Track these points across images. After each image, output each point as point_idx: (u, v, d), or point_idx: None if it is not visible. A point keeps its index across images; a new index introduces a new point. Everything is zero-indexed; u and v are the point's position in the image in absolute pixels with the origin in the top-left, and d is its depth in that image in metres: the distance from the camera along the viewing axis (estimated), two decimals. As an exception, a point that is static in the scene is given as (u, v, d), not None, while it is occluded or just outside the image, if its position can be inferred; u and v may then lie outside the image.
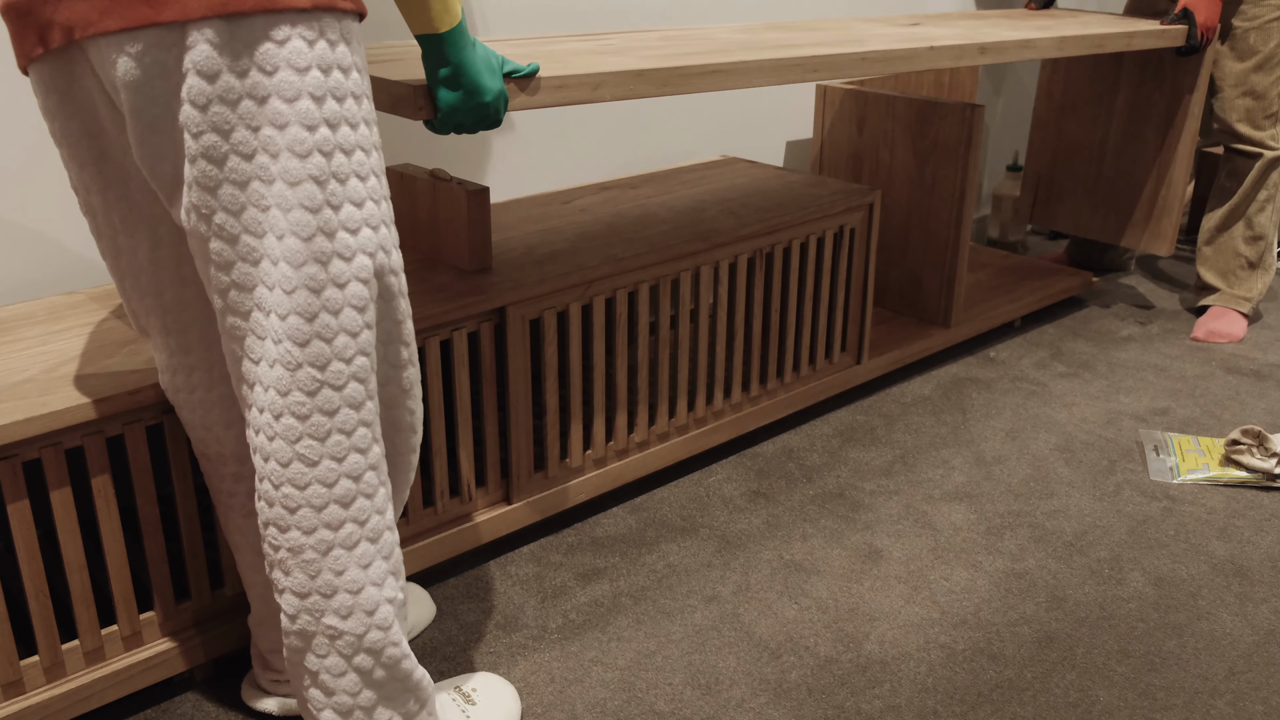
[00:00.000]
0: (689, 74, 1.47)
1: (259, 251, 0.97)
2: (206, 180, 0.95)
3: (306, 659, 1.08)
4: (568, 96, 1.34)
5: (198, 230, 0.98)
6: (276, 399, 1.01)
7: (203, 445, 1.20)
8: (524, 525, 1.68)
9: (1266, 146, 2.52)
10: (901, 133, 2.34)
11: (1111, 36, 2.19)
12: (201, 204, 0.96)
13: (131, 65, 0.93)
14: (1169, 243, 2.67)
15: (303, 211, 0.97)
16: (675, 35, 1.84)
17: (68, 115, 1.02)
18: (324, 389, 1.01)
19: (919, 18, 2.37)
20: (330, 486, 1.03)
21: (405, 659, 1.10)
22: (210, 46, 0.92)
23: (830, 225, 1.99)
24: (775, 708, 1.35)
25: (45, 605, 1.20)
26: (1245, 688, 1.40)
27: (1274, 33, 2.44)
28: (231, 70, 0.92)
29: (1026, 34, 2.04)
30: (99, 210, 1.07)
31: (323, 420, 1.02)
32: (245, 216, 0.97)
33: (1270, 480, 1.91)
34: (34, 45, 0.97)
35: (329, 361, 1.00)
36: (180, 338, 1.13)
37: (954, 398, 2.25)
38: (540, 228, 1.80)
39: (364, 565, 1.06)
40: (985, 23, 2.28)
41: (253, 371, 1.02)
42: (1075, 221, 2.82)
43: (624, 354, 1.70)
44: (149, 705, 1.34)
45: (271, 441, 1.02)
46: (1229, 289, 2.64)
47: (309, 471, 1.02)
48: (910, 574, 1.63)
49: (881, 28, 2.09)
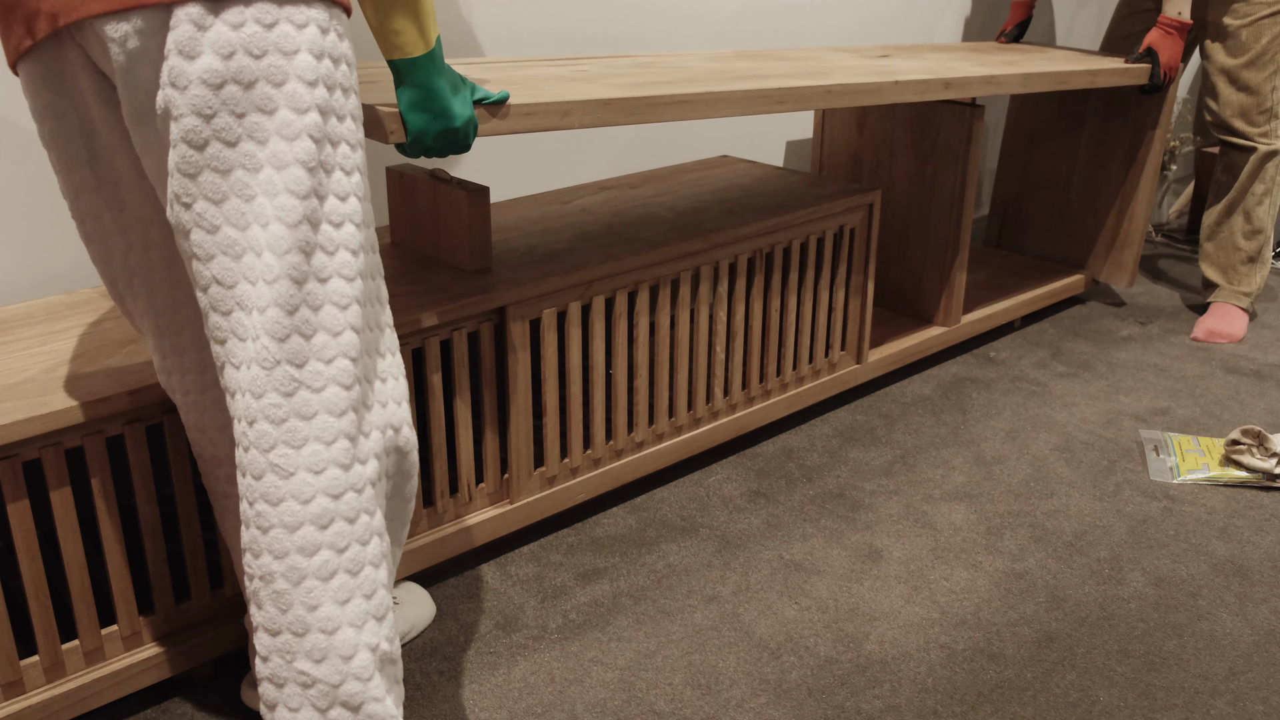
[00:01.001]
0: (656, 104, 1.48)
1: (241, 244, 0.93)
2: (187, 166, 0.91)
3: (277, 714, 0.97)
4: (536, 123, 1.35)
5: (180, 221, 0.94)
6: (251, 403, 0.94)
7: (198, 447, 1.19)
8: (524, 525, 1.68)
9: (1260, 142, 2.53)
10: (901, 133, 2.35)
11: (1075, 74, 2.23)
12: (183, 191, 0.92)
13: (118, 50, 0.90)
14: (1129, 274, 2.74)
15: (289, 196, 0.92)
16: (647, 62, 1.85)
17: (59, 114, 1.00)
18: (301, 390, 0.94)
19: (889, 49, 2.40)
20: (305, 503, 0.94)
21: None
22: (193, 27, 0.88)
23: (830, 225, 1.99)
24: (775, 708, 1.35)
25: (45, 605, 1.20)
26: (1245, 688, 1.40)
27: (1265, 30, 2.46)
28: (215, 52, 0.89)
29: (992, 69, 2.08)
30: (89, 214, 1.06)
31: (299, 426, 0.94)
32: (227, 206, 0.92)
33: (1270, 480, 1.91)
34: (22, 37, 0.96)
35: (307, 360, 0.94)
36: (173, 339, 1.12)
37: (954, 398, 2.25)
38: (540, 228, 1.80)
39: (340, 602, 0.95)
40: (953, 56, 2.32)
41: (234, 378, 0.96)
42: (1040, 249, 2.89)
43: (624, 354, 1.71)
44: (149, 705, 1.34)
45: (247, 453, 0.94)
46: (1229, 285, 2.65)
47: (283, 485, 0.94)
48: (910, 574, 1.63)
49: (851, 59, 2.12)
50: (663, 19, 2.25)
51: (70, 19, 0.91)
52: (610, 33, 2.16)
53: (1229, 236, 2.64)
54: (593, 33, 2.13)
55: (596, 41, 2.15)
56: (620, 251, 1.67)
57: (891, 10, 2.78)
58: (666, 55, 1.98)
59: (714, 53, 2.08)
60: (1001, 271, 2.79)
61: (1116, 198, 2.70)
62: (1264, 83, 2.49)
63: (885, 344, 2.28)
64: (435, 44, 1.13)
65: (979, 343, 2.56)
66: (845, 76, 1.81)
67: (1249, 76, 2.49)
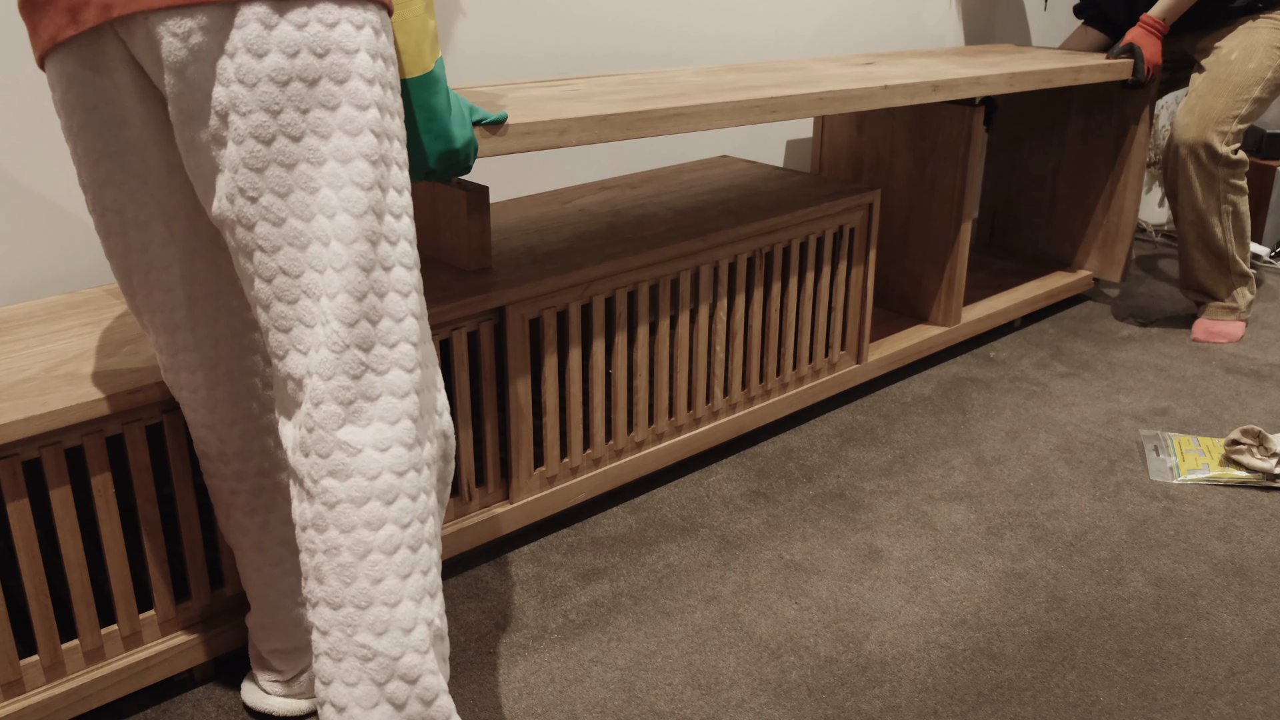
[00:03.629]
0: (652, 117, 1.51)
1: (307, 235, 0.96)
2: (255, 161, 0.94)
3: (333, 690, 0.98)
4: (535, 142, 1.38)
5: (244, 214, 0.96)
6: (319, 385, 0.97)
7: (203, 444, 1.20)
8: (524, 525, 1.68)
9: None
10: (901, 133, 2.35)
11: (1059, 71, 2.25)
12: (249, 186, 0.95)
13: (179, 45, 0.92)
14: (1120, 269, 2.75)
15: (355, 189, 0.96)
16: (637, 79, 1.88)
17: (89, 107, 1.01)
18: (367, 373, 0.98)
19: (873, 57, 2.44)
20: (372, 479, 0.98)
21: (443, 695, 1.00)
22: (261, 26, 0.91)
23: (830, 225, 1.99)
24: (775, 708, 1.35)
25: (45, 605, 1.20)
26: (1245, 688, 1.40)
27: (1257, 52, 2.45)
28: (282, 50, 0.92)
29: (977, 70, 2.11)
30: (111, 207, 1.07)
31: (365, 406, 0.98)
32: (293, 199, 0.95)
33: (1270, 480, 1.91)
34: (63, 26, 0.96)
35: (373, 344, 0.98)
36: (186, 335, 1.13)
37: (954, 398, 2.25)
38: (540, 228, 1.80)
39: (402, 576, 0.99)
40: (937, 60, 2.35)
41: (300, 364, 0.98)
42: (1031, 249, 2.90)
43: (624, 354, 1.71)
44: (149, 705, 1.34)
45: (312, 433, 0.98)
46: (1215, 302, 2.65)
47: (350, 462, 0.97)
48: (910, 574, 1.63)
49: (838, 68, 2.15)
50: (650, 39, 2.25)
51: (126, 11, 0.92)
52: (597, 52, 2.17)
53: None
54: (582, 53, 2.14)
55: (586, 61, 2.15)
56: (620, 251, 1.67)
57: (874, 27, 2.79)
58: (655, 72, 2.02)
59: (701, 68, 2.12)
60: (1001, 271, 2.79)
61: (1105, 193, 2.71)
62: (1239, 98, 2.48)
63: (885, 344, 2.28)
64: (436, 66, 1.14)
65: (979, 343, 2.56)
66: (835, 84, 1.84)
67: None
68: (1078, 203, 2.77)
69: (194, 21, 0.91)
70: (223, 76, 0.93)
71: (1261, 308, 2.85)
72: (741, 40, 2.44)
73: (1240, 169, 2.46)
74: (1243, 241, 2.54)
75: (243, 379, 1.16)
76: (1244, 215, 2.52)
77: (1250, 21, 2.47)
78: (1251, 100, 2.42)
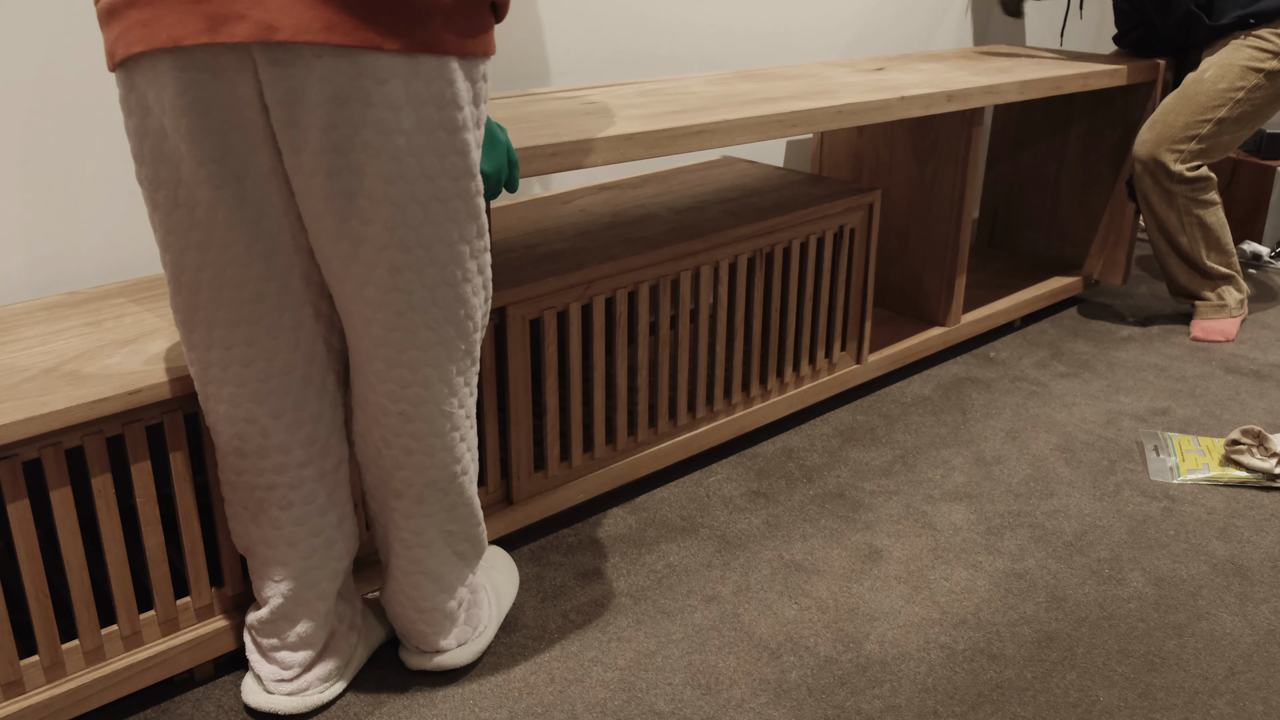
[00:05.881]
0: (676, 135, 1.56)
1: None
2: (400, 197, 1.07)
3: (402, 504, 1.26)
4: (561, 163, 1.43)
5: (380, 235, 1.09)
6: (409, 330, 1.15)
7: (241, 439, 1.19)
8: (524, 525, 1.68)
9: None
10: (901, 133, 2.35)
11: (1068, 78, 2.28)
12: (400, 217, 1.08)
13: (325, 83, 0.99)
14: (1121, 271, 2.75)
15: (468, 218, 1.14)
16: (652, 89, 1.90)
17: (201, 111, 1.02)
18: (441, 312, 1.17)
19: (882, 61, 2.48)
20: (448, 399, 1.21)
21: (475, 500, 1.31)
22: (402, 82, 1.01)
23: (830, 225, 1.99)
24: (775, 708, 1.35)
25: (45, 605, 1.20)
26: (1245, 688, 1.40)
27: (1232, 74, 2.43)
28: (422, 102, 1.04)
29: (990, 79, 2.13)
30: (203, 203, 1.07)
31: (450, 336, 1.18)
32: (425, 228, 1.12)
33: (1270, 480, 1.91)
34: (197, 32, 0.96)
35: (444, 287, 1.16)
36: (250, 329, 1.13)
37: (954, 398, 2.25)
38: (540, 228, 1.80)
39: (463, 438, 1.25)
40: (946, 66, 2.38)
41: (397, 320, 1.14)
42: (1032, 250, 2.90)
43: (624, 354, 1.71)
44: (149, 705, 1.34)
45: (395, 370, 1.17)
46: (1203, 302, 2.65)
47: (434, 373, 1.18)
48: (910, 574, 1.63)
49: (848, 74, 2.18)
50: (663, 39, 2.25)
51: (298, 38, 0.96)
52: (605, 59, 2.17)
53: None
54: (594, 59, 2.14)
55: (588, 61, 2.15)
56: (620, 251, 1.67)
57: (878, 28, 2.79)
58: (668, 80, 2.04)
59: (714, 75, 2.14)
60: (1001, 272, 2.79)
61: (1107, 195, 2.71)
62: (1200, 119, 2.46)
63: (885, 344, 2.28)
64: None
65: (979, 343, 2.56)
66: (851, 95, 1.87)
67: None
68: (1079, 204, 2.77)
69: (359, 66, 0.99)
70: (367, 117, 1.02)
71: (1262, 308, 2.85)
72: (746, 38, 2.44)
73: (1201, 185, 2.46)
74: (1217, 248, 2.54)
75: (299, 369, 1.18)
76: (1213, 225, 2.51)
77: (1239, 39, 2.45)
78: (1214, 121, 2.40)
